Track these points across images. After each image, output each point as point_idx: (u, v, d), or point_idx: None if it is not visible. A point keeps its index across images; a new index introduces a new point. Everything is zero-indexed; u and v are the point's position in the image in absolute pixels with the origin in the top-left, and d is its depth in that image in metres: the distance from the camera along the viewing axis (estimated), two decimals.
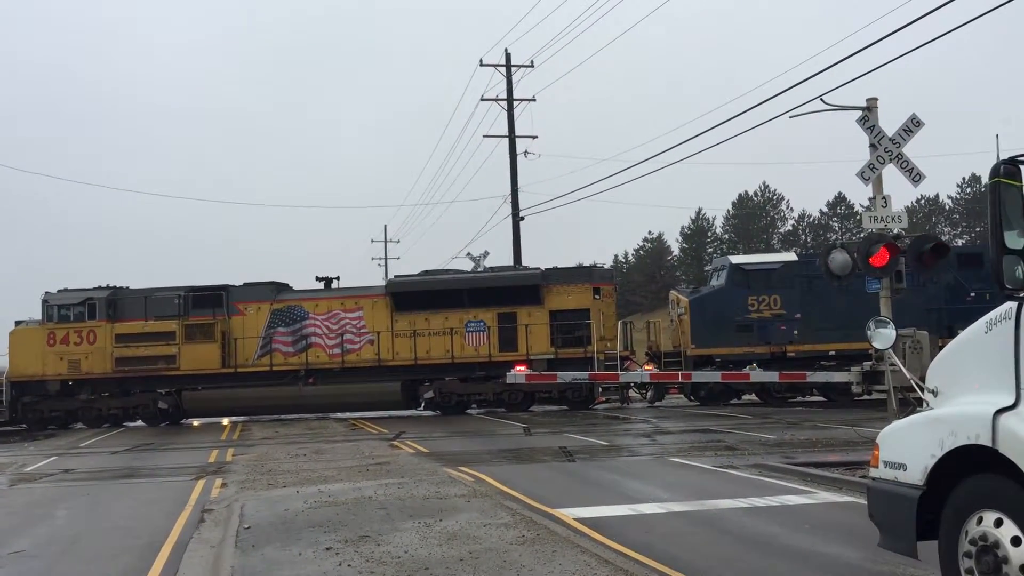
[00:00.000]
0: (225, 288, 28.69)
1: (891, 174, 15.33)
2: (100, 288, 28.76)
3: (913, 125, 15.00)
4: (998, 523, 4.65)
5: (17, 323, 28.95)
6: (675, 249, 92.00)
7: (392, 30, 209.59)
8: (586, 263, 29.36)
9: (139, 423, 28.59)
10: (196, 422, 29.13)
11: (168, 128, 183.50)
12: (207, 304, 28.34)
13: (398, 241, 68.90)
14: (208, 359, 27.81)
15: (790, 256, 30.65)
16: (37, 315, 28.65)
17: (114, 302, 28.41)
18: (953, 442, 4.87)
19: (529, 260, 36.71)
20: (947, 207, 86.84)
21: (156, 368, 27.89)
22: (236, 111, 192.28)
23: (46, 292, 28.66)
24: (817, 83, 16.68)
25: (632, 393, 30.53)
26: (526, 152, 36.59)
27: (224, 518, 10.36)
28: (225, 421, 28.88)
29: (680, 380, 26.95)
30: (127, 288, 29.17)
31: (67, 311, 28.21)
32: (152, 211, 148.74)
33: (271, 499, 11.58)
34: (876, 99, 15.33)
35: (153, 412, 28.28)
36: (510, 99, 36.22)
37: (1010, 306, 4.82)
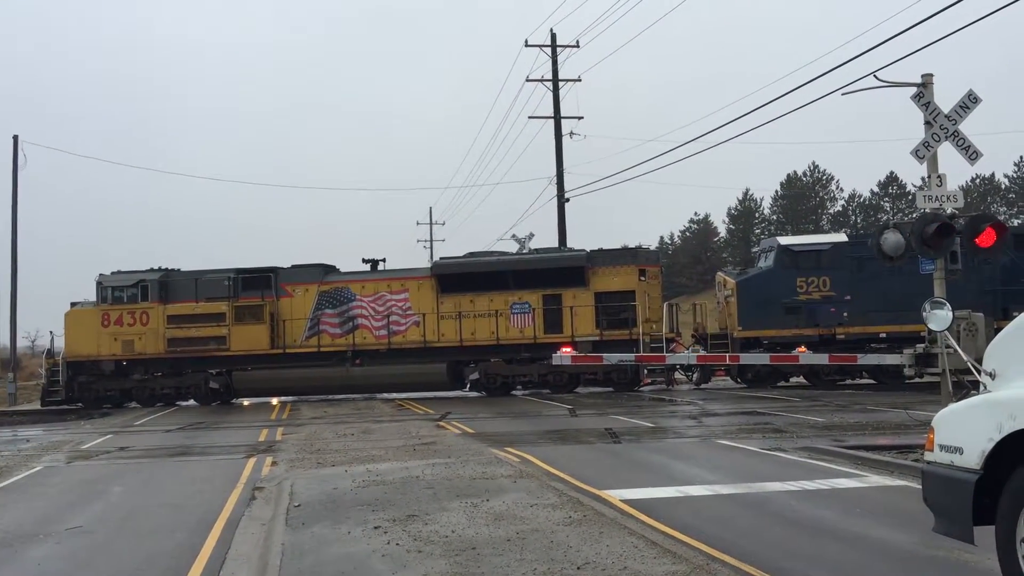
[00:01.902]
0: (274, 270, 29.03)
1: (946, 152, 14.98)
2: (152, 270, 29.28)
3: (970, 101, 14.62)
4: None
5: (73, 304, 29.60)
6: (722, 230, 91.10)
7: (438, 15, 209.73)
8: (631, 245, 29.15)
9: (191, 402, 29.11)
10: (246, 402, 29.58)
11: (222, 119, 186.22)
12: (256, 286, 28.71)
13: (443, 223, 69.14)
14: (257, 340, 28.19)
15: (840, 237, 30.13)
16: (92, 297, 29.25)
17: (166, 284, 28.90)
18: (1012, 425, 4.76)
19: (574, 242, 36.62)
20: (1003, 186, 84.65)
21: (207, 349, 28.35)
22: (286, 99, 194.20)
23: (100, 274, 29.23)
24: (870, 59, 16.32)
25: (678, 375, 30.35)
26: (571, 133, 36.40)
27: (274, 496, 10.51)
28: (274, 401, 29.30)
29: (728, 362, 26.72)
30: (178, 270, 29.66)
31: (121, 293, 28.76)
32: (204, 196, 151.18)
33: (320, 478, 11.73)
34: (931, 75, 14.95)
35: (204, 392, 28.77)
36: (555, 80, 35.99)
37: None
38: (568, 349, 26.42)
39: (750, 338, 26.84)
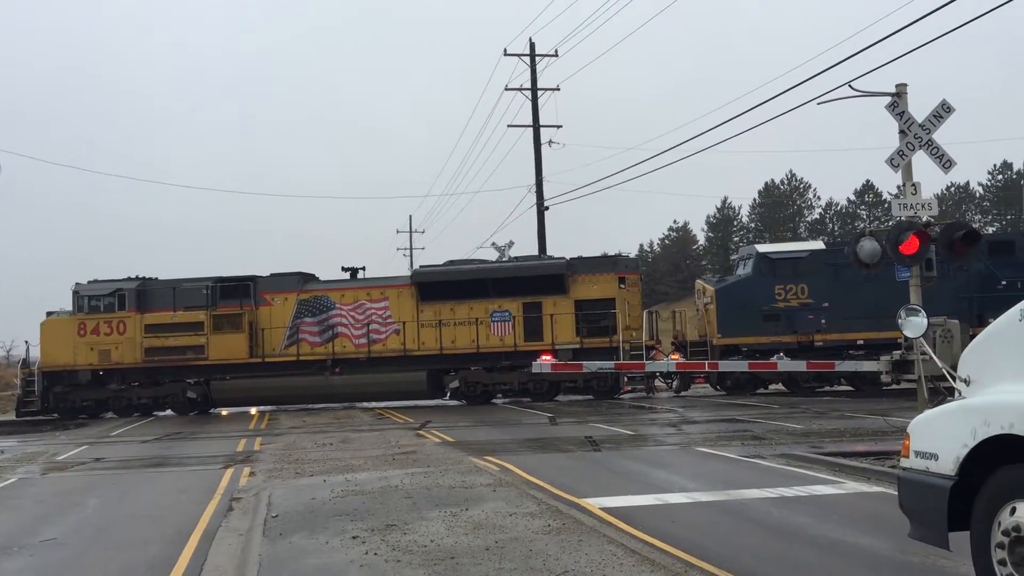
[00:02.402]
0: (252, 279, 28.87)
1: (921, 161, 15.13)
2: (129, 279, 29.05)
3: (943, 111, 14.77)
4: None
5: (48, 314, 29.30)
6: (701, 238, 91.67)
7: (419, 23, 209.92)
8: (611, 252, 29.17)
9: (168, 412, 28.86)
10: (224, 411, 29.37)
11: (203, 125, 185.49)
12: (235, 294, 28.54)
13: (423, 231, 68.91)
14: (236, 349, 28.02)
15: (817, 245, 30.37)
16: (68, 306, 28.97)
17: (143, 293, 28.67)
18: (986, 431, 4.79)
19: (554, 250, 36.64)
20: (977, 194, 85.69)
21: (185, 358, 28.13)
22: (265, 107, 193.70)
23: (76, 283, 28.95)
24: (846, 69, 16.49)
25: (658, 383, 30.42)
26: (551, 141, 36.47)
27: (252, 507, 10.43)
28: (253, 410, 29.10)
29: (707, 369, 26.82)
30: (156, 279, 29.44)
31: (97, 302, 28.50)
32: (182, 204, 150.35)
33: (298, 488, 11.65)
34: (906, 85, 15.11)
35: (182, 401, 28.54)
36: (534, 88, 36.07)
37: None
38: (548, 357, 26.45)
39: (729, 345, 26.95)
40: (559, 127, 37.07)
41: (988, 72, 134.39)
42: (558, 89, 36.58)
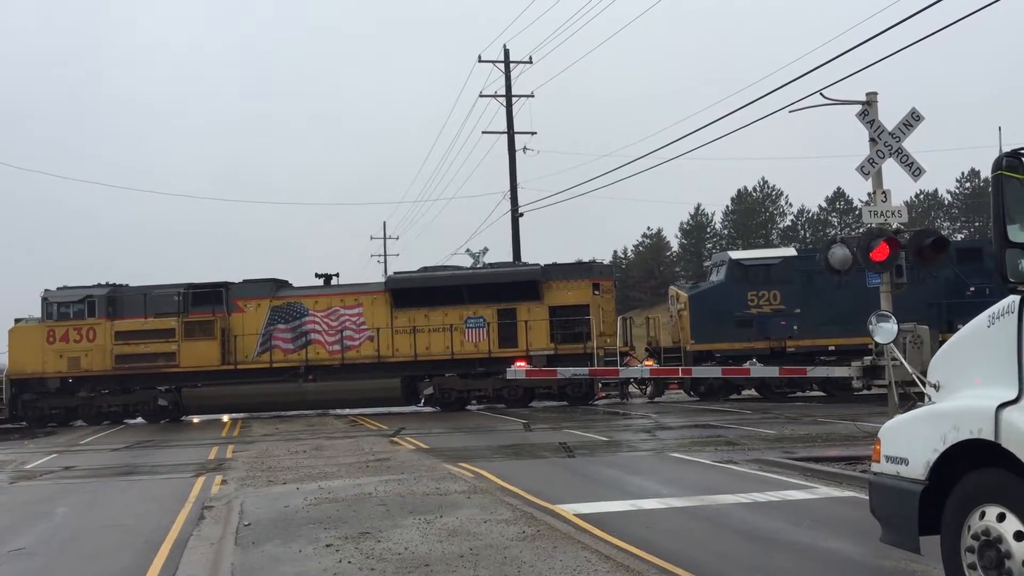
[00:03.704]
0: (225, 285, 28.67)
1: (891, 169, 15.30)
2: (100, 286, 28.76)
3: (913, 119, 14.96)
4: (1001, 518, 4.64)
5: (17, 320, 28.95)
6: (674, 245, 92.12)
7: (392, 29, 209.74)
8: (585, 259, 29.27)
9: (139, 420, 28.59)
10: (196, 419, 29.11)
11: (170, 130, 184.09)
12: (207, 301, 28.33)
13: (397, 238, 68.88)
14: (208, 356, 27.80)
15: (789, 251, 30.63)
16: (37, 313, 28.64)
17: (114, 299, 28.40)
18: (955, 436, 4.85)
19: (528, 256, 36.70)
20: (946, 202, 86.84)
21: (156, 365, 27.88)
22: (237, 111, 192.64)
23: (46, 290, 28.66)
24: (817, 78, 16.64)
25: (632, 389, 30.51)
26: (525, 148, 36.50)
27: (224, 515, 10.34)
28: (225, 418, 28.88)
29: (680, 375, 26.93)
30: (127, 286, 29.17)
31: (67, 308, 28.20)
32: (153, 210, 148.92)
33: (271, 496, 11.57)
34: (876, 93, 15.29)
35: (153, 409, 28.26)
36: (509, 95, 36.12)
37: (1013, 300, 4.79)
38: (522, 363, 26.45)
39: (702, 351, 27.09)
40: (533, 134, 37.02)
41: (957, 79, 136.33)
42: (532, 96, 36.69)
